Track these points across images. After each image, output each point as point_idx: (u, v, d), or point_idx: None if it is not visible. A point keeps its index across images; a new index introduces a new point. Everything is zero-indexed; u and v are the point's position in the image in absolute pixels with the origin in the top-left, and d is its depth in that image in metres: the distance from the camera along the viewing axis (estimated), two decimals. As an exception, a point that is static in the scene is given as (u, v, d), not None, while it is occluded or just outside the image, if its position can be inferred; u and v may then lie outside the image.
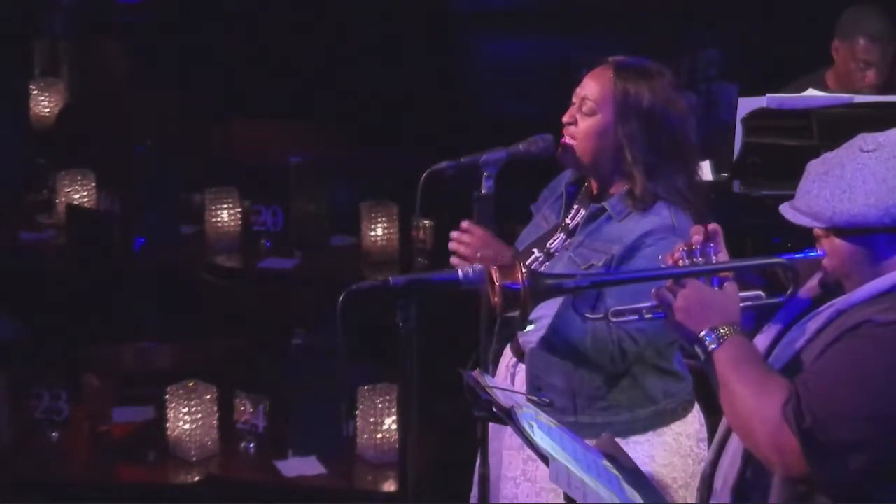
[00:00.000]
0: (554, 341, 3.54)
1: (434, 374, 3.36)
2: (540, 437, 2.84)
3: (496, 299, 2.83)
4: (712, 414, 3.27)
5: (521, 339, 3.65)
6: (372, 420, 4.36)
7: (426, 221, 5.53)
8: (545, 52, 8.54)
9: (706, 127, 6.17)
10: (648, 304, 2.84)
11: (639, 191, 3.52)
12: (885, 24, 5.43)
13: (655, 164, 3.53)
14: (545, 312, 3.49)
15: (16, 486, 4.44)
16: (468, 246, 3.62)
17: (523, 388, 3.59)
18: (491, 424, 3.26)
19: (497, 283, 2.82)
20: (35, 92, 7.68)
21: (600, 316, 3.04)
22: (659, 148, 3.53)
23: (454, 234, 3.65)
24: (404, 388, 3.31)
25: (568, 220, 3.69)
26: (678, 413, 3.66)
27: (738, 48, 7.75)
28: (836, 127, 4.79)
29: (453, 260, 3.63)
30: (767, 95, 4.95)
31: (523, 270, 2.80)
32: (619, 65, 3.58)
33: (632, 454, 3.44)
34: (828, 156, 2.75)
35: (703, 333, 2.73)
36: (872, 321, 2.62)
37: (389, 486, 4.30)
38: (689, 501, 3.57)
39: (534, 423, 2.87)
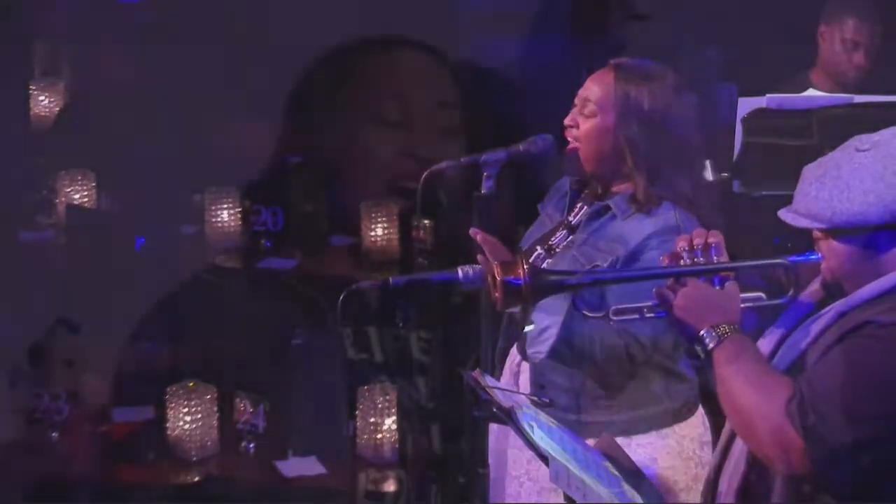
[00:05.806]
0: (563, 351, 3.52)
1: (434, 374, 3.36)
2: (540, 437, 2.84)
3: (497, 294, 2.83)
4: (717, 416, 3.27)
5: (529, 351, 3.59)
6: (372, 420, 4.36)
7: (426, 221, 5.52)
8: (545, 52, 8.52)
9: (706, 127, 6.16)
10: (649, 302, 2.85)
11: (640, 195, 3.52)
12: (872, 5, 5.44)
13: (657, 168, 3.53)
14: (552, 321, 3.49)
15: (16, 486, 4.44)
16: None
17: (527, 389, 3.59)
18: (497, 424, 3.25)
19: (498, 279, 2.82)
20: (35, 92, 7.68)
21: (600, 315, 3.04)
22: (660, 151, 3.52)
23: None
24: (404, 388, 3.31)
25: (570, 217, 3.69)
26: (682, 414, 3.65)
27: (738, 48, 7.74)
28: (836, 127, 4.78)
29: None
30: (767, 95, 4.95)
31: (525, 266, 2.80)
32: (621, 67, 3.58)
33: (634, 456, 3.44)
34: (824, 159, 2.75)
35: (702, 332, 2.73)
36: (874, 322, 2.62)
37: (389, 486, 4.30)
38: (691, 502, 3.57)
39: (534, 423, 2.87)
